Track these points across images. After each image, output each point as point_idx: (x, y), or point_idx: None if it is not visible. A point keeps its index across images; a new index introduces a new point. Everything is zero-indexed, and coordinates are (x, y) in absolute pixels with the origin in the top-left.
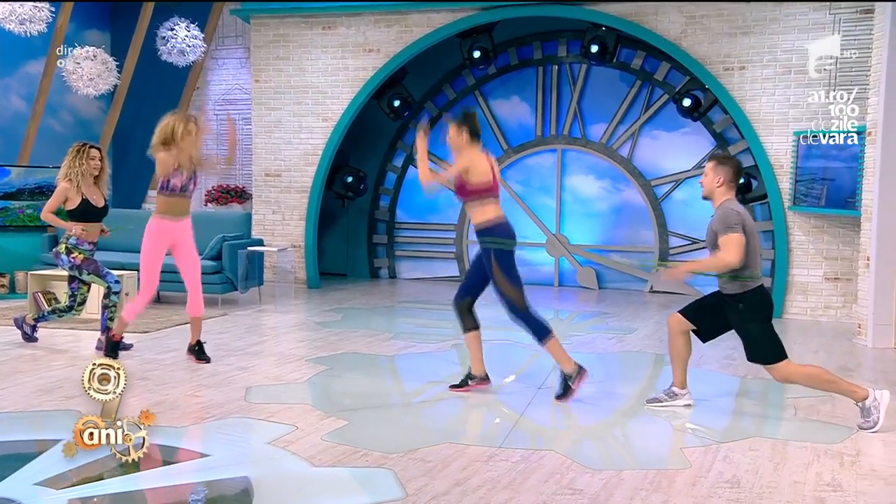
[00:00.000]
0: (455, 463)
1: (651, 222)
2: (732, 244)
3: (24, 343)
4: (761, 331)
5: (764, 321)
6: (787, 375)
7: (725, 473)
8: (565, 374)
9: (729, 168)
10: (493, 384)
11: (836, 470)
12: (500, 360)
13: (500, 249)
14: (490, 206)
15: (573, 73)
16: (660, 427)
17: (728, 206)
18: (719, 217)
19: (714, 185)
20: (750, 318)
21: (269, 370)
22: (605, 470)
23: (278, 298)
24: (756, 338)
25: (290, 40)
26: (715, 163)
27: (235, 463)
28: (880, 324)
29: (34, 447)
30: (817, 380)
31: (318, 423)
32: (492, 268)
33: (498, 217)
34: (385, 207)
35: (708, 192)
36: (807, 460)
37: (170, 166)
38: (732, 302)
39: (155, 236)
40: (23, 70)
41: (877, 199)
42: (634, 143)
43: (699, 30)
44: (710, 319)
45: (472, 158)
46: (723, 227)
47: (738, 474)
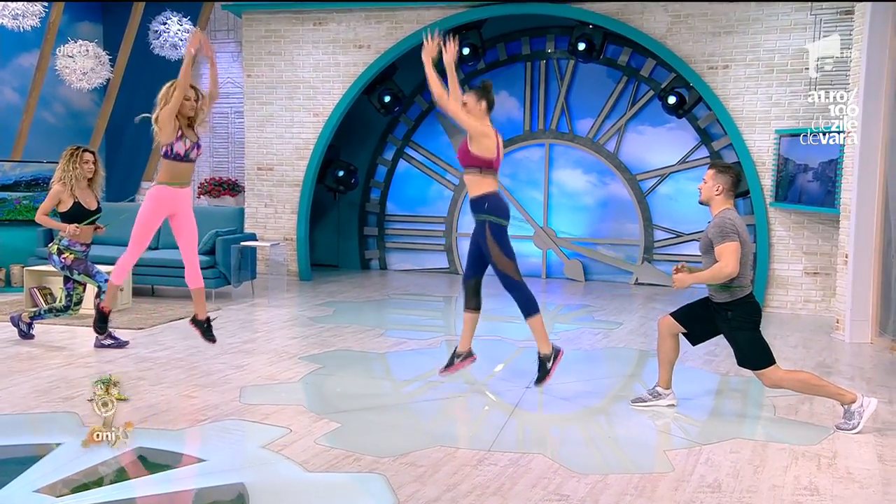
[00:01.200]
0: (445, 467)
1: (637, 216)
2: (729, 253)
3: (20, 340)
4: (750, 338)
5: (752, 329)
6: (776, 381)
7: (707, 477)
8: (542, 356)
9: (728, 177)
10: (480, 381)
11: (813, 473)
12: (488, 356)
13: (494, 223)
14: (489, 179)
15: (561, 68)
16: (644, 428)
17: (725, 214)
18: (715, 225)
19: (713, 192)
20: (738, 325)
21: (262, 369)
22: (592, 474)
23: (271, 292)
24: (744, 345)
25: (282, 36)
26: (715, 171)
27: (231, 469)
28: (858, 319)
29: (33, 451)
30: (806, 385)
31: (312, 425)
32: (485, 239)
33: (494, 192)
34: (376, 200)
35: (706, 199)
36: (785, 463)
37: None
38: (721, 310)
39: (155, 202)
40: (15, 62)
41: (855, 197)
42: (621, 138)
43: (684, 29)
44: (699, 324)
45: (485, 129)
46: (719, 237)
47: (720, 478)
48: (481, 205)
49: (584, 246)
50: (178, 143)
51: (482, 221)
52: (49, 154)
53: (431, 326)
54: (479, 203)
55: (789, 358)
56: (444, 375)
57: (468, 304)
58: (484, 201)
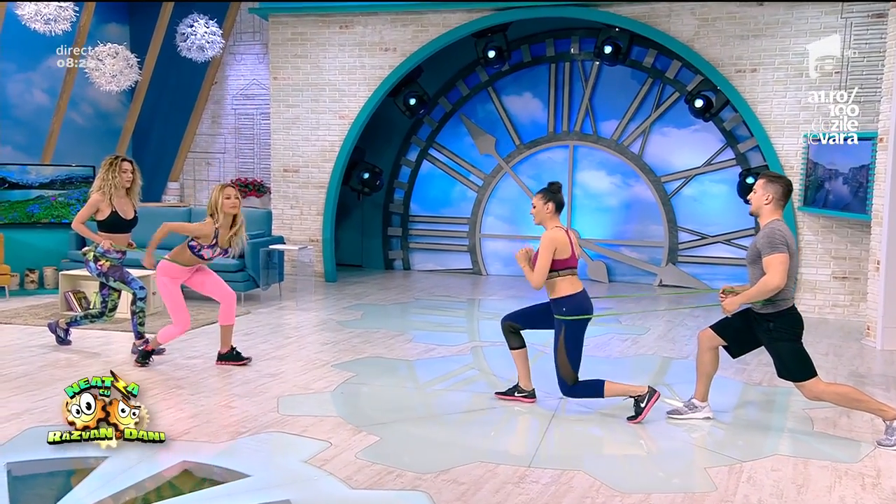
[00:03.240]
0: (487, 485)
1: (661, 218)
2: (777, 264)
3: (57, 346)
4: (791, 350)
5: (794, 340)
6: (817, 394)
7: (751, 497)
8: (636, 398)
9: (779, 186)
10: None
11: (858, 493)
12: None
13: (573, 323)
14: (567, 280)
15: (585, 70)
16: (681, 443)
17: (774, 225)
18: (765, 235)
19: (763, 202)
20: (780, 337)
21: (296, 377)
22: (634, 493)
23: (298, 294)
24: (786, 357)
25: (308, 38)
26: (765, 181)
27: (276, 485)
28: (890, 326)
29: (80, 465)
30: (846, 398)
31: (351, 438)
32: (559, 338)
33: (573, 293)
34: (399, 201)
35: (756, 209)
36: (829, 482)
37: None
38: (763, 321)
39: (168, 276)
40: (45, 65)
41: (888, 204)
42: (645, 140)
43: (711, 32)
44: (740, 336)
45: (556, 236)
46: (768, 247)
47: (763, 498)
48: (560, 308)
49: (607, 248)
50: (207, 249)
51: (560, 321)
52: (78, 156)
53: (458, 329)
54: (558, 305)
55: (821, 366)
56: (500, 398)
57: (511, 345)
58: (563, 304)
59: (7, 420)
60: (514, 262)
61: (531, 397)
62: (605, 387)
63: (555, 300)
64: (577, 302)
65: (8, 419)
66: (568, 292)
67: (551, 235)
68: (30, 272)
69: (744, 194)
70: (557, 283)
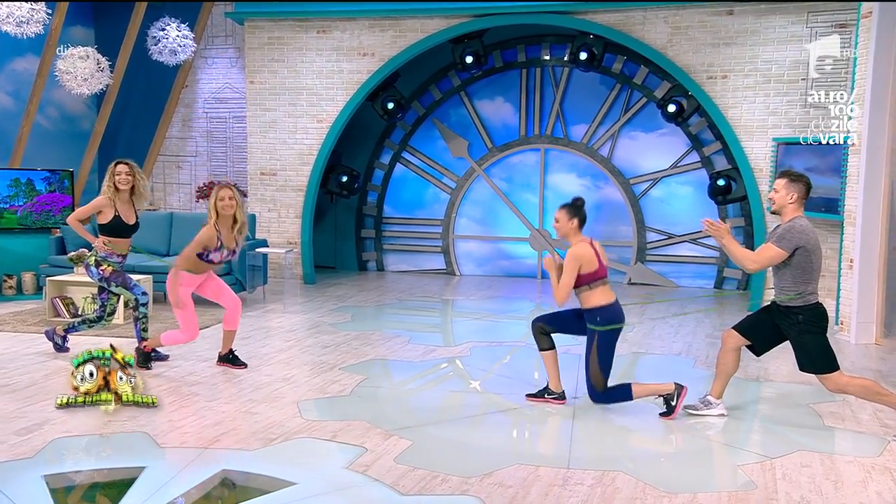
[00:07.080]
0: (534, 488)
1: (630, 218)
2: (767, 254)
3: (56, 354)
4: (817, 342)
5: (821, 333)
6: (842, 386)
7: (792, 494)
8: (665, 396)
9: (802, 185)
10: (527, 388)
11: (893, 488)
12: (523, 363)
13: (607, 332)
14: (598, 290)
15: (556, 75)
16: (704, 441)
17: (796, 222)
18: (784, 229)
19: (787, 200)
20: (808, 329)
21: (309, 381)
22: (681, 493)
23: (281, 296)
24: (811, 349)
25: (285, 43)
26: (787, 180)
27: (324, 492)
28: (863, 321)
29: (119, 475)
30: (868, 391)
31: (384, 442)
32: (591, 347)
33: (606, 304)
34: (373, 203)
35: (779, 207)
36: (860, 477)
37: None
38: (791, 314)
39: (178, 284)
40: (9, 67)
41: (860, 205)
42: (614, 144)
43: (684, 40)
44: (764, 333)
45: (580, 252)
46: (776, 238)
47: (805, 494)
48: (593, 318)
49: None
50: (214, 253)
51: (593, 330)
52: (45, 160)
53: (450, 330)
54: (591, 315)
55: None
56: (530, 400)
57: (540, 346)
58: (596, 315)
59: (30, 431)
60: (488, 262)
61: (561, 399)
62: (632, 389)
63: (588, 310)
64: (612, 313)
65: (30, 430)
66: (601, 303)
67: (576, 252)
68: (7, 278)
69: (714, 196)
70: (590, 295)
